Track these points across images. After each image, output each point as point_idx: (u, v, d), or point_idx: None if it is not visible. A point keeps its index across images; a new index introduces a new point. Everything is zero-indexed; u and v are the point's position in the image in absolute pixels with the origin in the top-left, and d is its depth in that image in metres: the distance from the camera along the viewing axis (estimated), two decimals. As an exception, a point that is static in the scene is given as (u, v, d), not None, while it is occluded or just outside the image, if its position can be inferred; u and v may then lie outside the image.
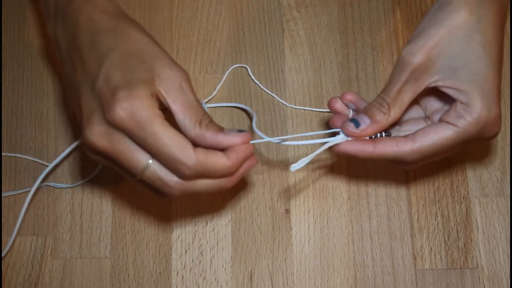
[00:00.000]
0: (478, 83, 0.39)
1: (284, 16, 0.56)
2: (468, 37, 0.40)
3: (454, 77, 0.40)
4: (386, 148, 0.41)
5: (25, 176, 0.53)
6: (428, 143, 0.40)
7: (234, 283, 0.51)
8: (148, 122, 0.37)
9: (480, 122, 0.39)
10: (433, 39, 0.40)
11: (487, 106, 0.39)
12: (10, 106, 0.55)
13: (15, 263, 0.51)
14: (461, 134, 0.40)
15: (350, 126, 0.42)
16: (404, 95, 0.41)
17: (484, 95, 0.39)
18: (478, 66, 0.40)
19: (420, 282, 0.50)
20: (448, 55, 0.40)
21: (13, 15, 0.57)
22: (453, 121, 0.40)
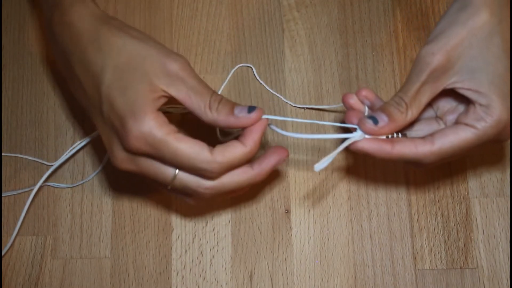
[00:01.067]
0: (497, 85, 0.39)
1: (284, 16, 0.56)
2: (488, 39, 0.40)
3: (473, 79, 0.40)
4: (405, 149, 0.40)
5: (25, 176, 0.53)
6: (447, 145, 0.40)
7: (234, 283, 0.51)
8: (161, 143, 0.38)
9: (500, 125, 0.39)
10: (454, 40, 0.40)
11: (506, 109, 0.39)
12: (10, 106, 0.55)
13: (15, 263, 0.51)
14: (481, 136, 0.39)
15: (368, 123, 0.41)
16: (422, 96, 0.41)
17: (504, 97, 0.39)
18: (497, 68, 0.39)
19: (420, 282, 0.50)
20: (468, 56, 0.40)
21: (13, 15, 0.57)
22: (473, 123, 0.39)
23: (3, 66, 0.56)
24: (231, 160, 0.39)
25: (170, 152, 0.38)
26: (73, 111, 0.55)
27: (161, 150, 0.38)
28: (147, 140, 0.38)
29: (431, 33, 0.42)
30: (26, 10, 0.58)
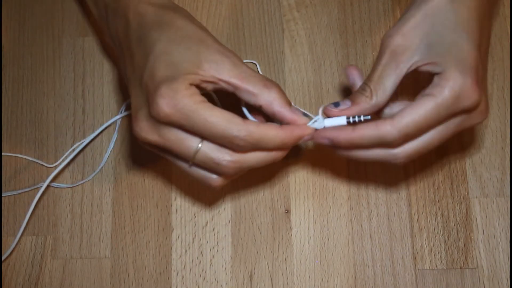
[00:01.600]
0: (452, 52, 0.40)
1: (284, 16, 0.56)
2: (442, 16, 0.41)
3: (430, 53, 0.40)
4: (366, 129, 0.40)
5: (25, 176, 0.53)
6: (408, 118, 0.39)
7: (234, 283, 0.51)
8: (192, 109, 0.38)
9: (456, 88, 0.39)
10: (409, 21, 0.41)
11: (461, 73, 0.39)
12: (10, 106, 0.55)
13: (15, 263, 0.51)
14: (439, 102, 0.39)
15: (330, 107, 0.42)
16: (386, 80, 0.41)
17: (459, 62, 0.39)
18: (451, 38, 0.40)
19: (420, 282, 0.50)
20: (423, 34, 0.41)
21: (13, 15, 0.57)
22: (430, 92, 0.39)
23: (3, 66, 0.56)
24: (264, 134, 0.39)
25: (200, 119, 0.38)
26: (73, 111, 0.55)
27: (192, 118, 0.38)
28: (177, 106, 0.38)
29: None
30: (26, 9, 0.58)
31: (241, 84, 0.39)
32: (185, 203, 0.52)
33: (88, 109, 0.55)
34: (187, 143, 0.39)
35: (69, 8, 0.57)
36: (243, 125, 0.38)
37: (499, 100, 0.54)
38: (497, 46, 0.55)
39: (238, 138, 0.38)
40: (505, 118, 0.53)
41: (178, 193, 0.53)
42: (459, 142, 0.53)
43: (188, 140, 0.39)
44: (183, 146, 0.40)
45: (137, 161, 0.53)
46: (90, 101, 0.55)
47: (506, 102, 0.53)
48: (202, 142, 0.39)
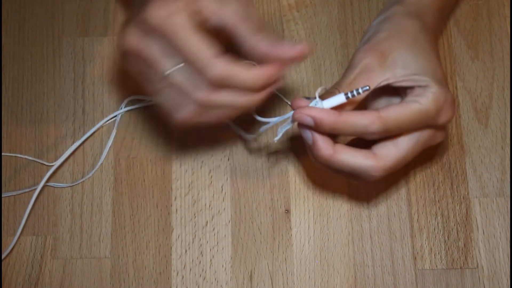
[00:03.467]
0: (430, 72, 0.42)
1: (284, 16, 0.56)
2: (414, 38, 0.43)
3: (407, 70, 0.42)
4: (352, 116, 0.40)
5: (25, 176, 0.53)
6: (393, 114, 0.40)
7: (234, 283, 0.51)
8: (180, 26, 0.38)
9: (439, 101, 0.41)
10: (386, 41, 0.43)
11: (442, 88, 0.42)
12: (10, 106, 0.55)
13: (15, 263, 0.51)
14: (423, 109, 0.41)
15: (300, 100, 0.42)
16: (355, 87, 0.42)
17: (438, 81, 0.42)
18: (427, 60, 0.43)
19: (420, 282, 0.50)
20: (398, 54, 0.43)
21: (13, 15, 0.57)
22: (415, 99, 0.41)
23: (3, 66, 0.56)
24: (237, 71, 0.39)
25: (183, 36, 0.38)
26: (73, 111, 0.55)
27: (175, 32, 0.38)
28: (168, 16, 0.38)
29: (361, 41, 0.46)
30: (26, 9, 0.58)
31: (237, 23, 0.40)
32: (185, 203, 0.52)
33: (88, 109, 0.55)
34: (166, 60, 0.39)
35: (69, 8, 0.57)
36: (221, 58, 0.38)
37: (499, 100, 0.54)
38: (497, 46, 0.55)
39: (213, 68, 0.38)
40: (505, 118, 0.53)
41: (178, 193, 0.53)
42: (459, 142, 0.53)
43: (167, 58, 0.39)
44: (161, 60, 0.39)
45: (137, 161, 0.53)
46: (90, 101, 0.55)
47: (506, 102, 0.53)
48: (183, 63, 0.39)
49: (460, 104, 0.54)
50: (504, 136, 0.53)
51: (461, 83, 0.54)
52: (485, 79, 0.54)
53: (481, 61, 0.55)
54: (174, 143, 0.54)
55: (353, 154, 0.41)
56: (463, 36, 0.55)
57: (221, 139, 0.53)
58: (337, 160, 0.41)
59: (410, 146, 0.42)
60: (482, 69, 0.54)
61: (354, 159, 0.41)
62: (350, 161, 0.41)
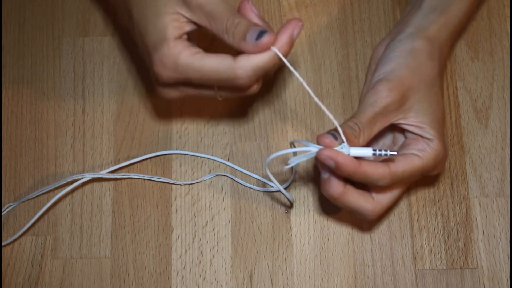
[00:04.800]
0: (436, 125, 0.45)
1: (284, 16, 0.56)
2: (431, 86, 0.46)
3: (418, 117, 0.45)
4: (369, 168, 0.42)
5: (25, 176, 0.53)
6: (400, 170, 0.43)
7: (234, 283, 0.51)
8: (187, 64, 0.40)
9: (438, 157, 0.45)
10: (407, 82, 0.45)
11: (443, 146, 0.45)
12: (10, 106, 0.55)
13: (15, 263, 0.51)
14: (424, 164, 0.44)
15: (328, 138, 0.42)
16: (373, 125, 0.44)
17: (440, 136, 0.45)
18: (436, 111, 0.46)
19: (420, 282, 0.50)
20: (416, 98, 0.45)
21: (13, 15, 0.57)
22: (418, 153, 0.44)
23: (3, 66, 0.56)
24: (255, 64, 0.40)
25: (196, 73, 0.41)
26: (73, 111, 0.55)
27: (187, 74, 0.41)
28: (170, 67, 0.41)
29: (380, 68, 0.46)
30: (26, 9, 0.58)
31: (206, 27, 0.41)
32: (185, 203, 0.52)
33: (88, 109, 0.55)
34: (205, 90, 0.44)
35: (69, 8, 0.57)
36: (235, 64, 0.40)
37: (499, 100, 0.54)
38: (497, 46, 0.55)
39: (239, 78, 0.41)
40: (505, 118, 0.53)
41: (178, 193, 0.53)
42: (459, 142, 0.53)
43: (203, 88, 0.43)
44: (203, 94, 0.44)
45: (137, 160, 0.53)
46: (90, 101, 0.55)
47: (506, 102, 0.53)
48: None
49: (460, 104, 0.54)
50: (504, 136, 0.53)
51: (461, 83, 0.54)
52: (485, 79, 0.54)
53: (481, 61, 0.55)
54: (174, 143, 0.54)
55: (358, 197, 0.44)
56: (463, 36, 0.55)
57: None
58: (344, 200, 0.44)
59: (401, 190, 0.46)
60: (482, 69, 0.54)
61: (358, 201, 0.44)
62: (354, 203, 0.44)
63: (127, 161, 0.53)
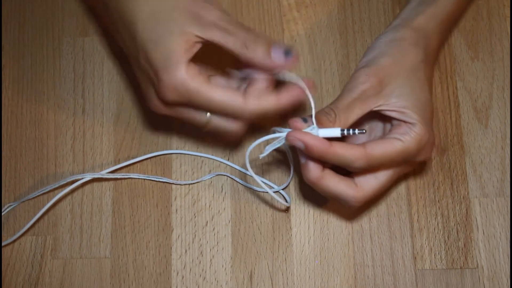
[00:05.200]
0: (419, 109, 0.44)
1: (284, 16, 0.56)
2: (413, 72, 0.45)
3: (400, 102, 0.44)
4: (341, 148, 0.42)
5: (25, 176, 0.53)
6: (378, 152, 0.43)
7: (234, 283, 0.51)
8: (196, 93, 0.41)
9: (422, 141, 0.44)
10: (385, 68, 0.45)
11: (427, 130, 0.44)
12: (10, 106, 0.55)
13: (15, 263, 0.51)
14: (406, 148, 0.43)
15: (297, 121, 0.43)
16: (350, 111, 0.44)
17: (424, 120, 0.44)
18: (420, 97, 0.45)
19: (420, 282, 0.50)
20: (396, 83, 0.44)
21: (13, 15, 0.57)
22: (399, 136, 0.43)
23: (3, 66, 0.56)
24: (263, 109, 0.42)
25: (206, 99, 0.41)
26: (73, 111, 0.55)
27: (195, 100, 0.41)
28: (180, 91, 0.41)
29: (363, 58, 0.47)
30: (26, 9, 0.58)
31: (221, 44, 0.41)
32: (185, 203, 0.52)
33: (88, 109, 0.55)
34: (198, 117, 0.44)
35: (69, 8, 0.57)
36: (244, 104, 0.41)
37: (499, 100, 0.54)
38: (497, 46, 0.55)
39: (241, 114, 0.42)
40: (505, 118, 0.53)
41: (178, 193, 0.53)
42: (459, 142, 0.53)
43: (198, 114, 0.43)
44: (195, 119, 0.44)
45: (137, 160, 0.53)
46: (90, 101, 0.55)
47: (506, 102, 0.53)
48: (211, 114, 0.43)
49: (460, 104, 0.54)
50: (504, 136, 0.53)
51: (461, 83, 0.54)
52: (485, 79, 0.54)
53: (481, 61, 0.55)
54: (174, 143, 0.54)
55: (337, 182, 0.44)
56: (463, 36, 0.55)
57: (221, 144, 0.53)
58: (322, 185, 0.44)
59: (387, 178, 0.45)
60: (482, 69, 0.54)
61: (338, 186, 0.44)
62: (334, 188, 0.44)
63: (127, 161, 0.53)
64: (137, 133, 0.54)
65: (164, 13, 0.41)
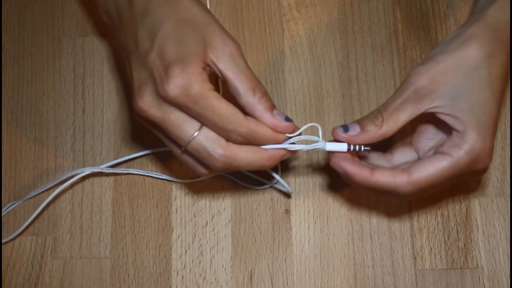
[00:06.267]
0: (476, 113, 0.40)
1: (284, 16, 0.56)
2: (474, 70, 0.40)
3: (454, 106, 0.40)
4: (383, 177, 0.41)
5: (25, 176, 0.53)
6: (424, 175, 0.40)
7: (234, 283, 0.51)
8: (202, 96, 0.39)
9: (474, 152, 0.40)
10: (440, 65, 0.41)
11: (482, 137, 0.40)
12: (10, 106, 0.55)
13: (15, 263, 0.51)
14: (455, 164, 0.40)
15: (338, 130, 0.42)
16: (401, 113, 0.41)
17: (481, 125, 0.40)
18: (479, 98, 0.40)
19: (420, 282, 0.50)
20: (452, 84, 0.41)
21: (13, 15, 0.57)
22: (448, 151, 0.40)
23: (3, 66, 0.56)
24: (261, 131, 0.41)
25: (207, 107, 0.39)
26: (73, 111, 0.55)
27: (199, 104, 0.39)
28: (188, 89, 0.38)
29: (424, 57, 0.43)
30: (26, 9, 0.58)
31: (231, 78, 0.40)
32: (185, 203, 0.52)
33: (88, 109, 0.55)
34: (185, 127, 0.40)
35: (69, 8, 0.57)
36: (244, 121, 0.40)
37: (499, 100, 0.54)
38: (497, 46, 0.55)
39: (237, 133, 0.40)
40: (505, 118, 0.53)
41: (178, 193, 0.53)
42: (459, 142, 0.53)
43: (187, 124, 0.40)
44: (181, 129, 0.40)
45: (137, 161, 0.53)
46: (90, 101, 0.55)
47: (506, 102, 0.53)
48: (199, 130, 0.40)
49: (460, 104, 0.54)
50: (504, 136, 0.53)
51: (461, 83, 0.54)
52: (485, 79, 0.54)
53: (481, 61, 0.55)
54: (174, 143, 0.54)
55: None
56: (463, 36, 0.55)
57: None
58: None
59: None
60: (482, 69, 0.54)
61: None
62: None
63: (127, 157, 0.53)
64: (137, 133, 0.54)
65: (197, 23, 0.41)
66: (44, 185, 0.52)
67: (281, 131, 0.41)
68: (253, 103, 0.40)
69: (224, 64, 0.40)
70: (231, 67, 0.40)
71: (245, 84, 0.40)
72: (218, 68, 0.40)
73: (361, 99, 0.54)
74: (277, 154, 0.42)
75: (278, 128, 0.41)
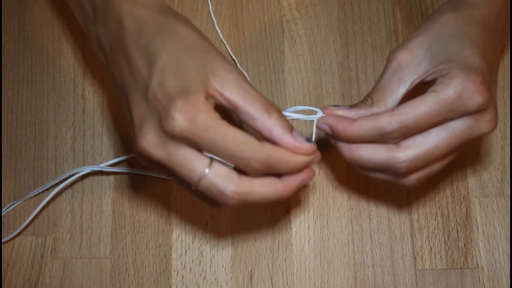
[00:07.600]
0: (456, 58, 0.39)
1: (284, 16, 0.56)
2: (447, 30, 0.41)
3: (434, 62, 0.40)
4: (364, 121, 0.39)
5: (25, 176, 0.53)
6: (407, 110, 0.38)
7: (234, 283, 0.51)
8: (210, 125, 0.36)
9: (459, 84, 0.38)
10: (415, 38, 0.42)
11: (465, 72, 0.38)
12: (10, 106, 0.55)
13: (15, 263, 0.51)
14: (441, 98, 0.38)
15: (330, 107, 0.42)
16: (388, 91, 0.41)
17: (463, 65, 0.39)
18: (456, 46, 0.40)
19: (420, 282, 0.50)
20: (428, 47, 0.41)
21: (13, 15, 0.57)
22: (432, 89, 0.39)
23: (3, 66, 0.56)
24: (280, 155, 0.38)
25: (218, 136, 0.36)
26: (73, 111, 0.55)
27: (209, 134, 0.36)
28: (195, 121, 0.35)
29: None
30: (26, 9, 0.58)
31: (242, 104, 0.37)
32: (185, 203, 0.52)
33: (88, 109, 0.55)
34: (194, 166, 0.36)
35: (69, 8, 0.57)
36: (261, 147, 0.37)
37: (499, 100, 0.54)
38: (497, 46, 0.55)
39: (254, 159, 0.37)
40: (505, 118, 0.53)
41: (178, 193, 0.53)
42: (459, 142, 0.53)
43: (195, 161, 0.37)
44: (189, 168, 0.37)
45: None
46: (90, 101, 0.55)
47: (506, 102, 0.53)
48: (209, 167, 0.37)
49: (460, 104, 0.54)
50: (504, 136, 0.53)
51: (461, 83, 0.54)
52: (485, 79, 0.54)
53: (481, 61, 0.55)
54: (174, 143, 0.54)
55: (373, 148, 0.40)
56: (463, 36, 0.55)
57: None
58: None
59: (441, 138, 0.39)
60: (482, 69, 0.54)
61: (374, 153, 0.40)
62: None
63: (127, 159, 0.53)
64: (137, 133, 0.54)
65: (195, 51, 0.38)
66: (44, 185, 0.52)
67: (303, 154, 0.38)
68: (270, 126, 0.37)
69: (231, 90, 0.37)
70: (239, 92, 0.37)
71: (258, 107, 0.37)
72: (225, 97, 0.37)
73: (361, 99, 0.54)
74: (292, 183, 0.39)
75: (300, 150, 0.38)
